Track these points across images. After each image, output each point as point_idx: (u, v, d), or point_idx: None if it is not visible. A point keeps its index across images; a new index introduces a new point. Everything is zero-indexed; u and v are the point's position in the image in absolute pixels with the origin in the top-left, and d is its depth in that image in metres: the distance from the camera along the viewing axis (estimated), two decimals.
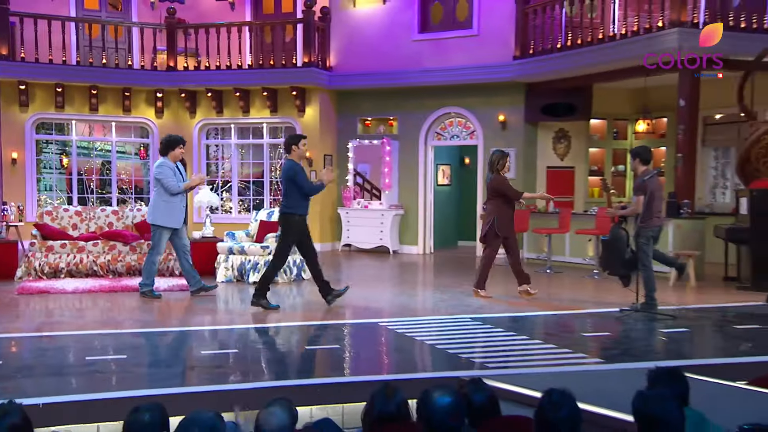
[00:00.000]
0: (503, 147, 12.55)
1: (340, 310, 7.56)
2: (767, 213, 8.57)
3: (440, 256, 12.93)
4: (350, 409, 4.26)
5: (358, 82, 13.28)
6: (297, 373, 5.05)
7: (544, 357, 5.36)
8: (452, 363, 5.21)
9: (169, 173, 7.86)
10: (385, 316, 7.12)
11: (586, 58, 10.81)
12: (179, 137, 8.24)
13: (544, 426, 2.47)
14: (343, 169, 13.66)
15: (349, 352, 5.76)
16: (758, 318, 7.01)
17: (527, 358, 5.38)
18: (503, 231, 8.01)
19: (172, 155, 7.97)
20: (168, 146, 8.01)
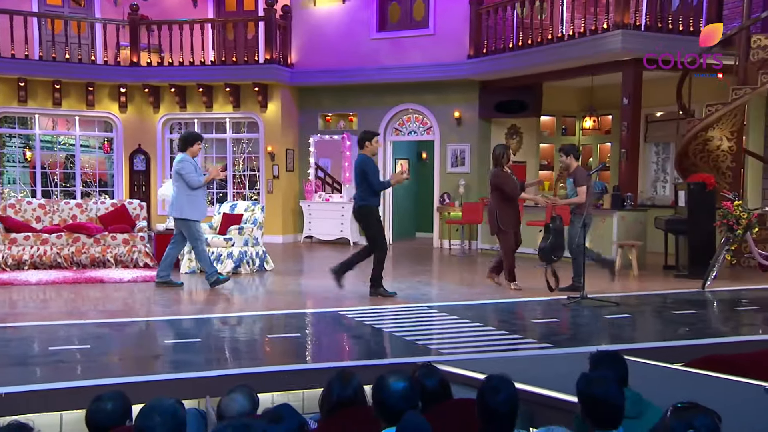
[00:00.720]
0: (458, 142, 12.70)
1: (301, 300, 7.54)
2: (703, 205, 8.80)
3: (399, 248, 12.97)
4: (311, 395, 4.26)
5: (318, 78, 13.21)
6: (259, 361, 5.02)
7: (495, 343, 5.42)
8: (408, 350, 5.23)
9: (191, 168, 7.87)
10: (345, 305, 7.11)
11: (537, 58, 10.94)
12: (197, 133, 8.26)
13: (485, 409, 2.51)
14: (305, 164, 13.59)
15: (309, 340, 5.74)
16: (694, 304, 7.22)
17: (480, 344, 5.44)
18: (506, 225, 7.87)
19: (191, 151, 7.97)
20: (187, 142, 7.99)
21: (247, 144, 13.80)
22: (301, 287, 8.32)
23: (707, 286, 7.87)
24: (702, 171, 9.39)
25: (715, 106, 9.33)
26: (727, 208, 7.78)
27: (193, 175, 7.88)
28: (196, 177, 7.89)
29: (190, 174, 7.85)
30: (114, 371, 4.65)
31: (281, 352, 5.41)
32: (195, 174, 7.90)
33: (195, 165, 7.97)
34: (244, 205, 9.98)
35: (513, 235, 7.95)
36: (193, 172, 7.88)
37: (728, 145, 9.49)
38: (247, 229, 9.36)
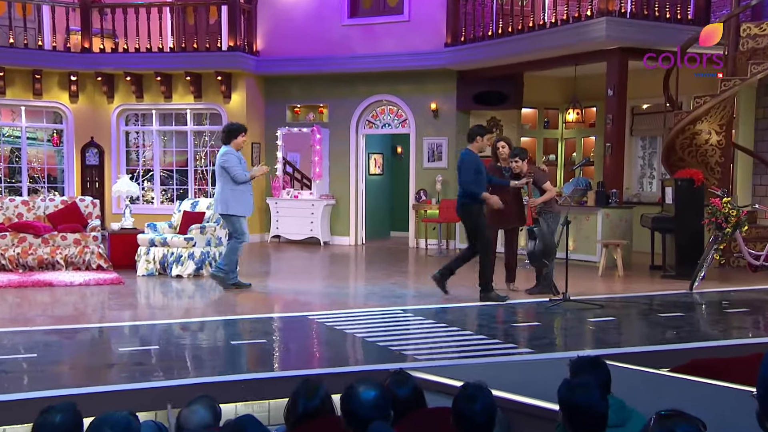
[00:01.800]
0: (435, 136, 12.73)
1: (267, 303, 7.52)
2: (691, 202, 8.94)
3: (372, 248, 12.98)
4: (276, 405, 4.24)
5: (286, 67, 13.15)
6: (221, 369, 4.99)
7: (473, 348, 5.45)
8: (381, 356, 5.24)
9: (235, 161, 7.93)
10: (314, 309, 7.10)
11: (517, 46, 11.01)
12: (241, 125, 8.30)
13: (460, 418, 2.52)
14: (272, 158, 13.52)
15: (276, 347, 5.73)
16: (682, 306, 7.34)
17: (457, 350, 5.47)
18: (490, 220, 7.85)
19: (234, 143, 8.03)
20: (230, 135, 8.05)
21: (210, 137, 13.70)
22: (267, 290, 8.30)
23: (695, 288, 8.00)
24: (690, 166, 9.53)
25: (703, 98, 9.48)
26: (715, 206, 7.91)
27: (238, 168, 7.93)
28: (241, 171, 7.94)
29: (235, 167, 7.89)
30: (64, 382, 4.58)
31: (246, 359, 5.38)
32: (240, 167, 7.95)
33: (239, 158, 8.03)
34: (206, 203, 9.91)
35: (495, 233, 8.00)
36: (237, 165, 7.94)
37: (717, 139, 9.65)
38: (210, 229, 9.30)
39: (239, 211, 7.97)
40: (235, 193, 7.93)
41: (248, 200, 8.04)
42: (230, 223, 8.03)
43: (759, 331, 6.58)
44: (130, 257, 9.38)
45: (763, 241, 8.86)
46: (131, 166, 13.95)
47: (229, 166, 7.90)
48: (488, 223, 7.78)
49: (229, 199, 7.94)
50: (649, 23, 9.99)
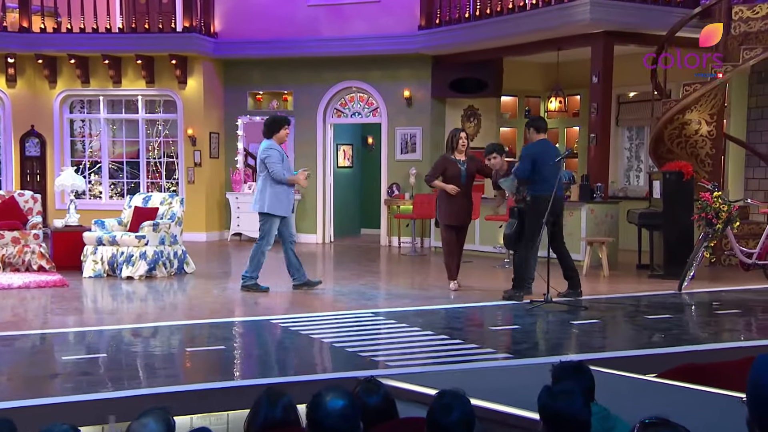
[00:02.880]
0: (408, 126, 12.75)
1: (227, 307, 7.48)
2: (680, 197, 9.06)
3: (341, 246, 12.97)
4: (236, 417, 4.22)
5: (247, 50, 13.07)
6: (176, 378, 4.95)
7: (449, 353, 5.47)
8: (350, 362, 5.24)
9: (277, 157, 7.91)
10: (278, 312, 7.09)
11: (496, 29, 11.07)
12: (284, 117, 8.31)
13: (435, 429, 2.52)
14: (232, 149, 13.44)
15: (236, 353, 5.69)
16: (670, 307, 7.44)
17: (432, 355, 5.49)
18: (441, 217, 8.15)
19: (277, 137, 8.02)
20: (272, 128, 8.05)
21: (164, 126, 13.56)
22: (227, 292, 8.25)
23: (684, 288, 8.11)
24: (679, 158, 9.67)
25: (692, 85, 9.62)
26: (705, 200, 8.02)
27: (279, 166, 7.90)
28: (280, 169, 7.91)
29: (275, 164, 7.87)
30: (1, 394, 4.50)
31: (203, 367, 5.34)
32: (280, 165, 7.92)
33: (282, 154, 8.01)
34: (159, 198, 9.82)
35: (452, 229, 8.12)
36: (278, 162, 7.91)
37: (707, 130, 9.80)
38: (164, 226, 9.22)
39: (278, 211, 7.98)
40: (275, 190, 7.93)
41: (289, 200, 8.08)
42: (263, 221, 8.02)
43: (751, 333, 6.71)
44: (75, 257, 9.25)
45: (756, 237, 9.02)
46: (76, 158, 13.76)
47: (269, 162, 7.88)
48: (443, 220, 8.03)
49: (268, 197, 7.94)
50: (636, 5, 10.11)
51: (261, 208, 7.99)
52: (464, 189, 8.05)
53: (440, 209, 8.17)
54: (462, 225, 8.18)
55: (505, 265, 10.09)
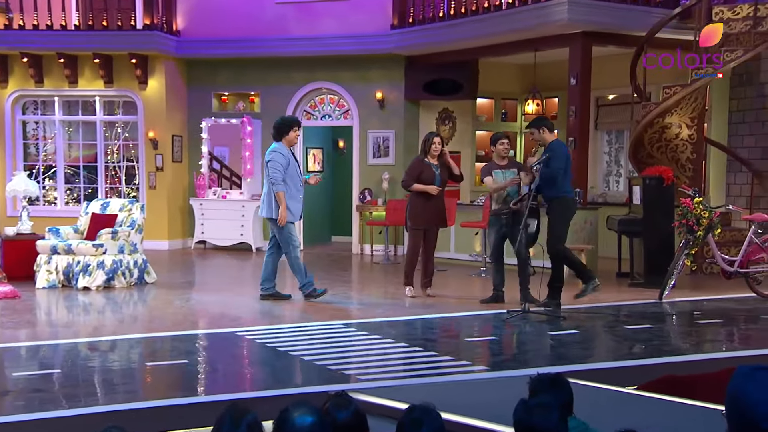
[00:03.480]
0: (380, 128, 12.77)
1: (190, 319, 7.42)
2: (661, 203, 9.17)
3: (311, 254, 12.92)
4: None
5: (212, 49, 13.01)
6: (135, 395, 4.90)
7: (423, 366, 5.48)
8: (320, 376, 5.24)
9: (281, 162, 7.84)
10: (244, 324, 7.07)
11: (471, 29, 11.14)
12: (293, 118, 8.28)
13: None
14: (196, 153, 13.36)
15: (199, 368, 5.66)
16: (651, 317, 7.52)
17: (405, 368, 5.50)
18: (412, 221, 8.20)
19: (287, 140, 7.99)
20: (281, 130, 8.00)
21: (123, 128, 13.44)
22: (190, 303, 8.20)
23: (665, 297, 8.21)
24: (659, 163, 9.79)
25: (673, 88, 9.75)
26: (686, 206, 8.12)
27: (279, 173, 7.86)
28: (280, 177, 7.87)
29: (276, 170, 7.84)
30: None
31: (163, 382, 5.30)
32: (281, 172, 7.87)
33: (288, 159, 7.95)
34: (118, 204, 9.73)
35: (422, 234, 8.19)
36: (280, 169, 7.86)
37: (688, 134, 9.94)
38: (123, 233, 9.14)
39: (289, 216, 7.96)
40: (287, 196, 7.91)
41: (296, 204, 8.05)
42: (281, 230, 8.01)
43: (733, 343, 6.81)
44: (27, 267, 9.13)
45: (738, 245, 9.13)
46: (29, 162, 13.58)
47: (271, 166, 7.87)
48: (414, 224, 8.09)
49: (275, 202, 7.91)
50: (615, 5, 10.23)
51: (268, 214, 8.01)
52: (439, 194, 8.15)
53: (411, 212, 8.22)
54: (433, 227, 8.24)
55: (482, 274, 10.13)
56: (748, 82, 10.92)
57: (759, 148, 10.87)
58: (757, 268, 8.39)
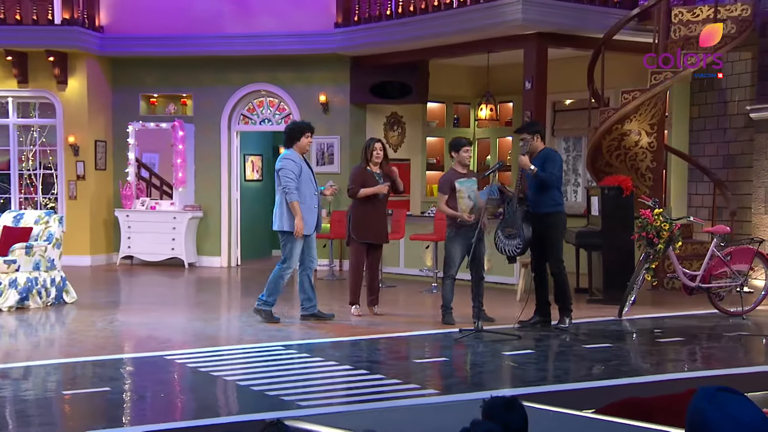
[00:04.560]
0: (324, 134, 12.76)
1: (114, 342, 7.31)
2: (620, 214, 9.32)
3: (250, 270, 12.86)
4: None
5: (139, 47, 12.86)
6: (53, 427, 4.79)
7: (369, 390, 5.48)
8: (257, 403, 5.20)
9: (293, 170, 7.78)
10: (174, 347, 7.00)
11: (421, 29, 11.22)
12: (306, 123, 8.22)
13: None
14: (122, 160, 13.17)
15: (124, 395, 5.58)
16: (610, 336, 7.65)
17: (349, 393, 5.49)
18: (355, 233, 8.22)
19: (298, 146, 7.94)
20: (292, 136, 7.97)
21: (40, 132, 13.21)
22: (114, 325, 8.09)
23: (625, 313, 8.35)
24: (618, 172, 9.97)
25: (632, 93, 9.95)
26: (646, 218, 8.28)
27: (292, 180, 7.77)
28: (293, 186, 7.77)
29: (289, 179, 7.76)
30: None
31: (84, 413, 5.21)
32: (294, 180, 7.78)
33: (300, 166, 7.89)
34: (34, 216, 9.53)
35: (365, 247, 8.24)
36: (292, 177, 7.78)
37: (648, 141, 10.15)
38: (38, 248, 8.96)
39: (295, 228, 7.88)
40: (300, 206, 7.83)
41: (313, 216, 7.98)
42: (285, 243, 7.95)
43: (695, 363, 6.95)
44: None
45: (700, 258, 9.33)
46: None
47: (283, 175, 7.80)
48: (358, 236, 8.15)
49: (288, 214, 7.85)
50: (571, 5, 10.42)
51: (279, 227, 7.95)
52: (381, 205, 8.21)
53: (354, 224, 8.25)
54: (379, 242, 8.28)
55: (433, 290, 10.18)
56: (710, 87, 11.21)
57: (720, 157, 11.16)
58: (719, 283, 8.56)
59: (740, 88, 10.88)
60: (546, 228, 7.65)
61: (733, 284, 8.51)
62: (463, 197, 7.92)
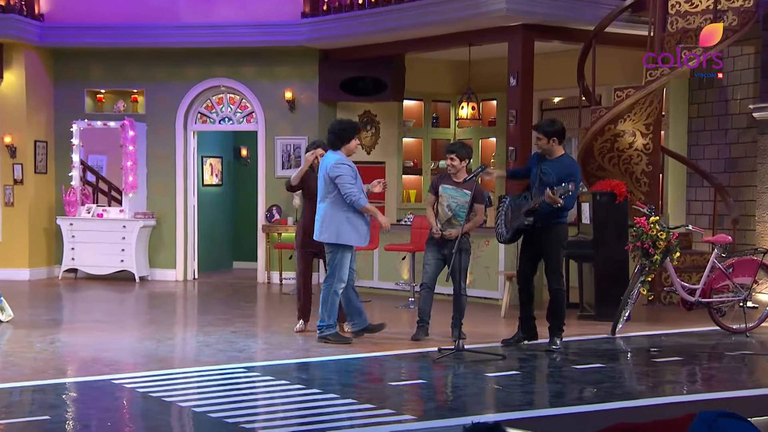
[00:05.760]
0: (291, 134, 12.75)
1: (56, 365, 7.24)
2: (613, 223, 9.38)
3: (208, 284, 12.81)
4: None
5: (84, 37, 12.78)
6: None
7: (339, 416, 5.48)
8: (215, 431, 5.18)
9: (351, 174, 7.77)
10: (123, 370, 6.96)
11: (396, 19, 11.24)
12: (354, 123, 8.21)
13: None
14: (65, 163, 13.06)
15: (65, 425, 5.51)
16: (602, 355, 7.69)
17: (317, 420, 5.46)
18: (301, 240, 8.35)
19: (347, 149, 7.90)
20: (342, 137, 7.88)
21: None
22: (55, 346, 8.01)
23: (619, 331, 8.36)
24: (611, 176, 10.02)
25: (625, 90, 10.00)
26: (641, 227, 8.33)
27: (354, 188, 7.72)
28: (357, 192, 7.74)
29: (350, 185, 7.70)
30: None
31: None
32: (356, 186, 7.74)
33: (355, 170, 7.86)
34: None
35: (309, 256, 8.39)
36: (353, 182, 7.74)
37: (643, 143, 10.22)
38: None
39: (353, 241, 7.87)
40: (349, 216, 7.79)
41: (364, 226, 7.95)
42: (335, 255, 7.86)
43: (695, 385, 7.00)
44: None
45: (700, 271, 9.38)
46: None
47: (342, 182, 7.71)
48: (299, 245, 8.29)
49: (342, 225, 7.77)
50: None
51: (331, 238, 7.84)
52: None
53: (299, 231, 8.34)
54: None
55: (410, 306, 10.17)
56: (709, 84, 11.30)
57: (722, 160, 11.25)
58: (721, 297, 8.62)
59: (742, 85, 11.00)
60: (546, 240, 7.66)
61: (735, 299, 8.57)
62: (442, 204, 8.00)
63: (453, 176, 8.08)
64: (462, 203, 7.92)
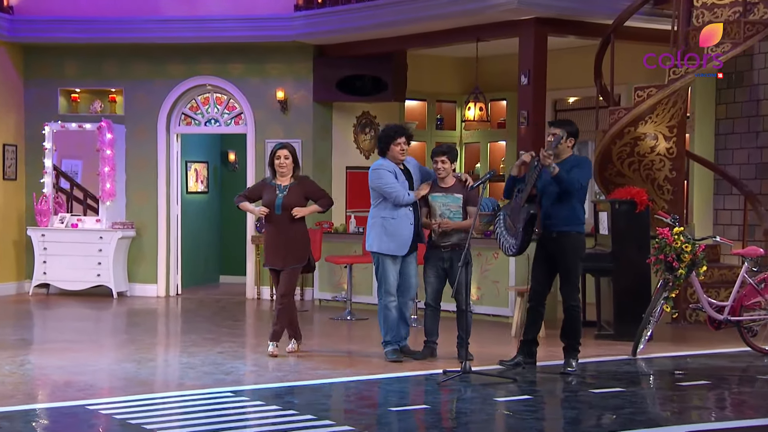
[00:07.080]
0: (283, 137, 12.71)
1: (24, 389, 7.23)
2: (634, 233, 9.37)
3: (192, 300, 12.82)
4: None
5: (57, 32, 12.84)
6: None
7: None
8: None
9: (389, 176, 7.98)
10: (99, 395, 6.94)
11: (396, 12, 11.25)
12: (396, 126, 8.37)
13: None
14: (36, 168, 13.08)
15: None
16: (622, 378, 7.64)
17: None
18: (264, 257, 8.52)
19: (390, 155, 8.11)
20: (387, 141, 8.10)
21: None
22: (25, 369, 7.99)
23: (640, 352, 8.35)
24: (631, 183, 10.00)
25: (647, 89, 9.97)
26: (664, 238, 8.30)
27: (392, 185, 7.93)
28: (400, 188, 7.96)
29: (392, 186, 7.93)
30: None
31: None
32: (397, 187, 7.95)
33: (395, 172, 8.06)
34: None
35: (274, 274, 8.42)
36: (395, 183, 7.98)
37: (666, 147, 10.20)
38: None
39: (389, 249, 8.00)
40: (387, 222, 7.97)
41: (404, 233, 8.04)
42: (379, 267, 8.09)
43: (724, 411, 6.95)
44: None
45: (728, 286, 9.35)
46: None
47: (382, 185, 7.96)
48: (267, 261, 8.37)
49: (380, 232, 7.98)
50: None
51: (376, 247, 8.08)
52: (281, 223, 8.17)
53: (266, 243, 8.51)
54: (277, 268, 8.28)
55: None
56: (738, 83, 11.29)
57: (752, 165, 11.24)
58: (752, 315, 8.60)
59: None
60: (562, 251, 7.63)
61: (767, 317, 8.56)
62: (435, 215, 8.06)
63: (440, 181, 8.09)
64: (455, 209, 7.99)
